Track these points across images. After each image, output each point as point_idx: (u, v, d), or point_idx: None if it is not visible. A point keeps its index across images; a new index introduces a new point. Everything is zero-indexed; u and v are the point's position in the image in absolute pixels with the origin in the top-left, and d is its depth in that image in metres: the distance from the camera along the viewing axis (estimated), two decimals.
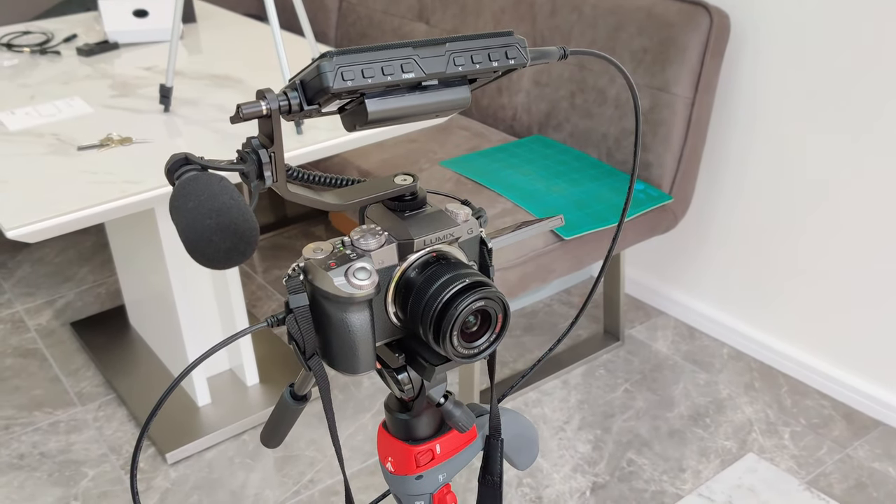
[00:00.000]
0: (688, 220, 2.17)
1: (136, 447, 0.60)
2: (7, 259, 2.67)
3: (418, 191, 0.63)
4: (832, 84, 1.77)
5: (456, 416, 0.67)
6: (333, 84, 0.51)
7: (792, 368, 2.04)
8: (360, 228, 0.60)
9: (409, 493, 0.71)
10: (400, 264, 0.61)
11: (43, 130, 1.60)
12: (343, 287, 0.57)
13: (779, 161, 1.92)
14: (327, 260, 0.58)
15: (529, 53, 0.59)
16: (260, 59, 1.98)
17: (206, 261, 0.50)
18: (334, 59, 0.51)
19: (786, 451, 1.83)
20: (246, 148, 0.54)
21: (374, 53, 0.53)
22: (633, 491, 1.74)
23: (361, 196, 0.61)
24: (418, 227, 0.61)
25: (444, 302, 0.58)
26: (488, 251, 0.65)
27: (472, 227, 0.63)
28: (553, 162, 1.99)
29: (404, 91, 0.55)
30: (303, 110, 0.53)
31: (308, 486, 1.78)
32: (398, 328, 0.63)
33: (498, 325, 0.61)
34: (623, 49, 1.93)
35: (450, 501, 0.71)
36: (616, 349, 2.18)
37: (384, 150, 2.13)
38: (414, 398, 0.67)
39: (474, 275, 0.59)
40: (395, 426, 0.70)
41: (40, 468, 1.85)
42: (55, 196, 1.34)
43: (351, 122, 0.56)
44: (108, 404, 2.03)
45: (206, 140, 1.54)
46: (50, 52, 2.06)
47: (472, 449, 0.73)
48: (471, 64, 0.56)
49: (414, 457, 0.69)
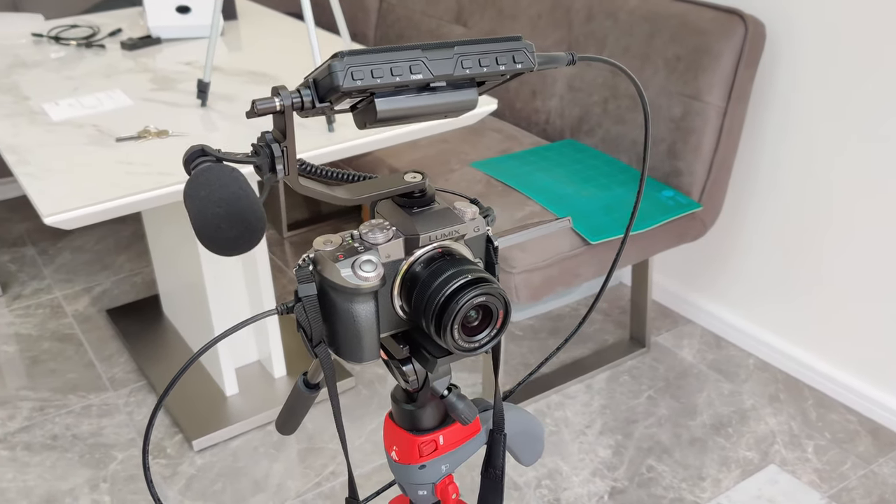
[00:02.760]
0: (717, 229, 2.16)
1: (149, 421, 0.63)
2: (48, 246, 2.74)
3: (427, 188, 0.65)
4: (867, 95, 1.76)
5: (459, 408, 0.69)
6: (343, 83, 0.54)
7: (818, 381, 2.03)
8: (368, 223, 0.63)
9: (412, 481, 0.73)
10: (406, 258, 0.63)
11: (84, 121, 1.65)
12: (349, 278, 0.60)
13: (811, 171, 1.91)
14: (336, 252, 0.61)
15: (537, 58, 0.60)
16: (298, 57, 2.01)
17: (214, 247, 0.52)
18: (345, 60, 0.54)
19: (808, 465, 1.82)
20: (260, 142, 0.56)
21: (384, 55, 0.55)
22: (651, 497, 1.75)
23: (370, 192, 0.63)
24: (425, 224, 0.63)
25: (447, 296, 0.60)
26: (494, 249, 0.67)
27: (479, 225, 0.65)
28: (583, 166, 2.00)
29: (413, 91, 0.57)
30: (314, 107, 0.56)
31: (329, 478, 1.81)
32: (404, 320, 0.65)
33: (499, 321, 0.62)
34: (657, 56, 1.93)
35: (452, 492, 0.73)
36: (641, 355, 2.18)
37: (416, 149, 2.15)
38: (418, 389, 0.69)
39: (477, 271, 0.61)
40: (401, 416, 0.72)
41: (72, 449, 1.91)
42: (92, 185, 1.38)
43: (361, 119, 0.59)
44: (139, 390, 2.08)
45: (241, 135, 1.58)
46: (95, 46, 2.12)
47: (475, 442, 0.74)
48: (478, 67, 0.58)
49: (417, 446, 0.71)
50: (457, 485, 0.73)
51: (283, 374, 2.07)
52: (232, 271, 1.93)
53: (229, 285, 1.95)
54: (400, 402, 0.71)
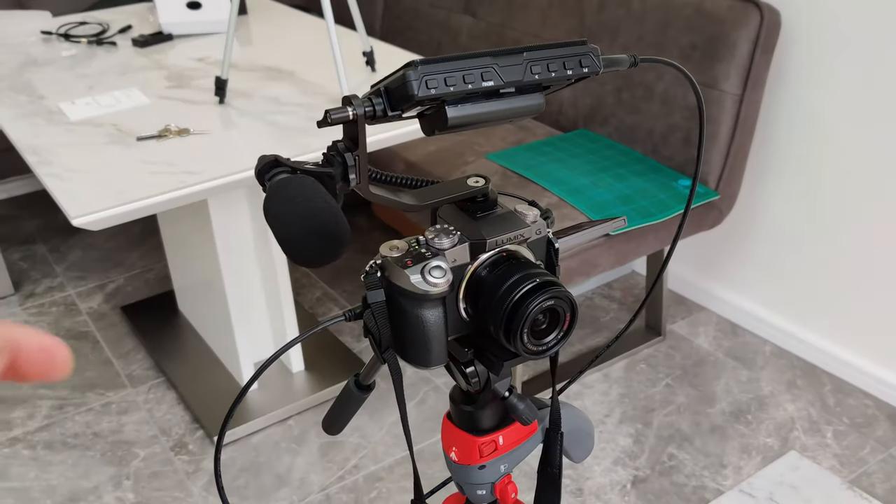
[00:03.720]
0: (733, 217, 2.17)
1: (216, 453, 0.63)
2: (59, 244, 2.74)
3: (490, 192, 0.65)
4: (883, 82, 1.76)
5: (520, 409, 0.69)
6: (418, 92, 0.54)
7: (835, 367, 2.04)
8: (434, 228, 0.63)
9: (471, 482, 0.73)
10: (471, 263, 0.63)
11: (103, 121, 1.64)
12: (419, 284, 0.60)
13: (826, 157, 1.92)
14: (404, 258, 0.61)
15: (602, 62, 0.60)
16: (310, 51, 2.01)
17: (301, 260, 0.53)
18: (419, 69, 0.54)
19: (828, 450, 1.83)
20: (331, 151, 0.57)
21: (456, 63, 0.55)
22: (673, 485, 1.76)
23: (437, 197, 0.63)
24: (490, 228, 0.63)
25: (515, 301, 0.60)
26: (555, 251, 0.68)
27: (541, 227, 0.66)
28: (598, 157, 2.00)
29: (481, 98, 0.58)
30: (387, 116, 0.56)
31: (352, 471, 1.82)
32: (467, 324, 0.65)
33: (566, 324, 0.63)
34: (672, 45, 1.93)
35: (511, 491, 0.74)
36: (657, 344, 2.19)
37: (430, 142, 2.15)
38: (480, 391, 0.69)
39: (544, 274, 0.62)
40: (460, 417, 0.72)
41: (93, 447, 1.91)
42: (118, 185, 1.38)
43: (430, 126, 0.59)
44: (158, 387, 2.09)
45: (262, 132, 1.58)
46: (106, 43, 2.11)
47: (532, 441, 0.75)
48: (546, 72, 0.58)
49: (478, 447, 0.71)
50: (515, 484, 0.74)
51: (300, 368, 2.08)
52: (249, 267, 1.94)
53: (246, 281, 1.95)
54: (459, 404, 0.72)
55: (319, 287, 2.47)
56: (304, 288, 2.47)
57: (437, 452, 1.85)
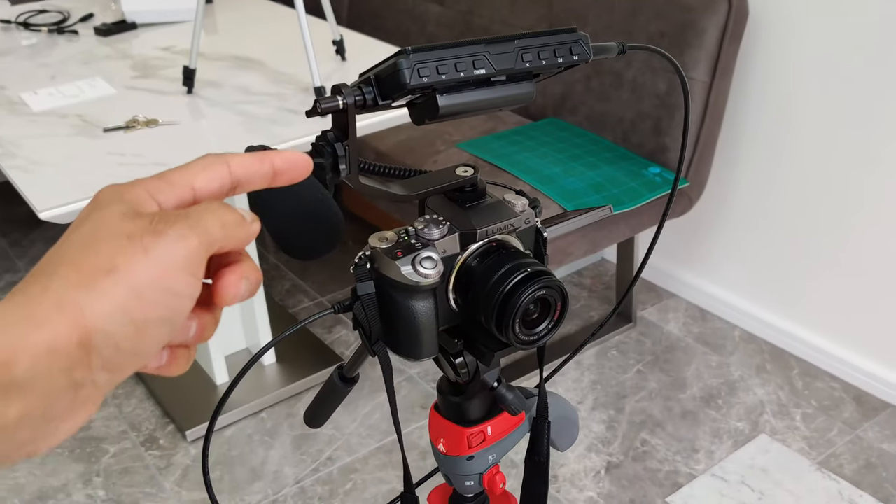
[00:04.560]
0: (702, 204, 2.18)
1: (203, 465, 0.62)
2: (20, 237, 2.68)
3: (478, 182, 0.64)
4: (848, 70, 1.79)
5: (509, 399, 0.69)
6: (410, 81, 0.53)
7: (803, 351, 2.07)
8: (423, 218, 0.62)
9: (460, 472, 0.73)
10: (461, 253, 0.62)
11: (67, 111, 1.61)
12: (410, 275, 0.59)
13: (793, 146, 1.94)
14: (394, 249, 0.60)
15: (592, 49, 0.60)
16: (279, 40, 1.98)
17: (298, 254, 0.52)
18: (411, 57, 0.53)
19: (797, 433, 1.86)
20: (321, 141, 0.56)
21: (448, 51, 0.54)
22: (647, 471, 1.77)
23: (426, 187, 0.62)
24: (480, 218, 0.62)
25: (507, 291, 0.59)
26: (543, 240, 0.67)
27: (529, 216, 0.65)
28: (569, 145, 2.01)
29: (472, 86, 0.57)
30: (377, 105, 0.55)
31: (327, 463, 1.81)
32: (457, 314, 0.65)
33: (557, 313, 0.62)
34: (640, 32, 1.94)
35: (499, 481, 0.74)
36: (628, 330, 2.20)
37: (400, 131, 2.14)
38: (468, 382, 0.69)
39: (535, 264, 0.61)
40: (448, 408, 0.72)
41: (61, 444, 1.87)
42: (85, 178, 1.35)
43: (420, 115, 0.58)
44: (126, 382, 2.05)
45: (232, 122, 1.55)
46: (67, 32, 2.07)
47: (520, 431, 0.75)
48: (537, 60, 0.57)
49: (466, 438, 0.71)
50: (503, 474, 0.74)
51: (272, 360, 2.06)
52: None
53: None
54: (447, 395, 0.71)
55: (289, 279, 2.45)
56: (274, 280, 2.45)
57: (414, 442, 1.85)
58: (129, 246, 0.34)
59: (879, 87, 1.75)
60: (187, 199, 0.39)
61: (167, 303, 0.35)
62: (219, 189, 0.40)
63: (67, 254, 0.35)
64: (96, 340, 0.33)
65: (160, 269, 0.34)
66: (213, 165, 0.39)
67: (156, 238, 0.35)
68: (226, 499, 1.73)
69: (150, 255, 0.34)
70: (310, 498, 1.73)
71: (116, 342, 0.34)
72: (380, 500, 1.72)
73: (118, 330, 0.34)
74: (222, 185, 0.40)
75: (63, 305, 0.33)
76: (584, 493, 1.73)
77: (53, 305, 0.33)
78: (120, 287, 0.33)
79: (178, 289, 0.35)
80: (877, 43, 1.72)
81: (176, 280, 0.35)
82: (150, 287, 0.34)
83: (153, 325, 0.35)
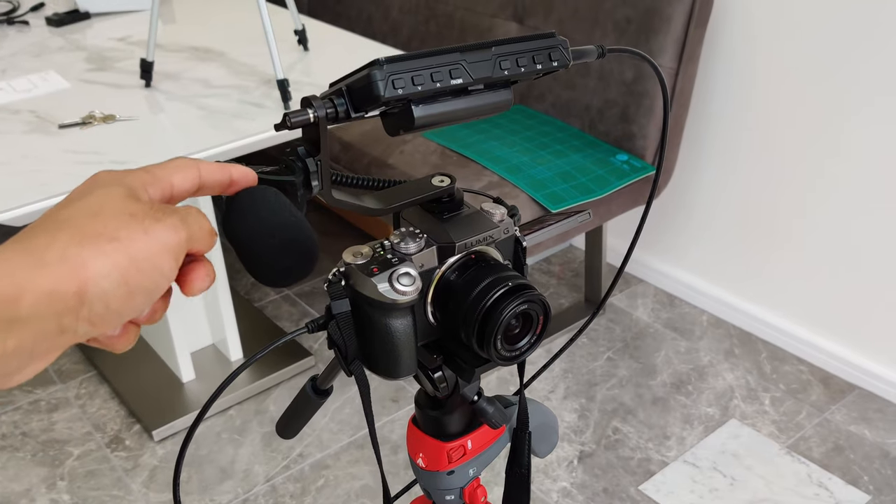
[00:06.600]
0: (669, 190, 2.18)
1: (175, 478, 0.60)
2: None
3: (455, 192, 0.62)
4: (814, 56, 1.79)
5: (489, 413, 0.67)
6: (385, 93, 0.50)
7: (770, 334, 2.08)
8: (399, 232, 0.60)
9: (440, 487, 0.71)
10: (439, 267, 0.60)
11: (19, 107, 1.55)
12: (387, 293, 0.57)
13: (759, 131, 1.94)
14: (369, 265, 0.58)
15: (571, 54, 0.58)
16: (239, 30, 1.93)
17: (269, 281, 0.49)
18: (385, 68, 0.50)
19: (766, 417, 1.87)
20: (291, 157, 0.53)
21: (423, 60, 0.52)
22: (619, 459, 1.77)
23: (402, 199, 0.60)
24: (458, 230, 0.60)
25: (488, 307, 0.57)
26: (523, 250, 0.65)
27: (508, 226, 0.63)
28: (536, 133, 1.99)
29: (449, 95, 0.55)
30: (349, 117, 0.52)
31: (297, 460, 1.79)
32: (435, 329, 0.63)
33: (539, 327, 0.61)
34: (606, 19, 1.92)
35: (480, 495, 0.72)
36: (597, 317, 2.20)
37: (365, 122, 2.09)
38: (448, 396, 0.67)
39: (516, 277, 0.59)
40: (427, 423, 0.70)
41: (23, 448, 1.83)
42: (41, 178, 1.30)
43: (394, 126, 0.56)
44: (89, 381, 2.01)
45: (192, 117, 1.51)
46: (17, 23, 2.00)
47: (500, 442, 0.73)
48: (516, 67, 0.55)
49: (446, 453, 0.69)
50: (485, 487, 0.72)
51: (239, 356, 2.03)
52: None
53: None
54: (425, 409, 0.69)
55: None
56: (239, 273, 2.40)
57: (385, 436, 1.83)
58: (132, 223, 0.40)
59: (843, 71, 1.75)
60: (167, 194, 0.46)
61: (155, 278, 0.41)
62: (189, 189, 0.47)
63: (73, 218, 0.40)
64: (91, 294, 0.38)
65: (155, 249, 0.41)
66: (187, 168, 0.46)
67: (155, 223, 0.41)
68: (195, 499, 1.70)
69: (149, 235, 0.41)
70: (281, 496, 1.71)
71: (108, 300, 0.39)
72: (352, 496, 1.70)
73: (112, 289, 0.39)
74: (192, 187, 0.47)
75: (67, 257, 0.38)
76: (557, 483, 1.72)
77: (59, 255, 0.38)
78: (120, 254, 0.39)
79: (164, 268, 0.42)
80: (840, 25, 1.72)
81: (165, 261, 0.42)
82: (145, 261, 0.40)
83: (140, 293, 0.41)
